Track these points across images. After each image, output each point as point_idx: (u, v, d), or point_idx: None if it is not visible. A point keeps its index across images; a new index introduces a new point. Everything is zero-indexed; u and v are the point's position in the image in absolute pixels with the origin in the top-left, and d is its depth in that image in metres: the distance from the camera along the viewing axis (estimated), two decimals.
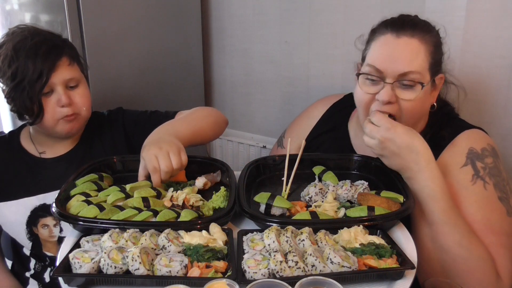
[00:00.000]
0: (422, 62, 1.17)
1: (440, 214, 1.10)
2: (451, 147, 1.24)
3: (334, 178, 1.27)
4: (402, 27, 1.19)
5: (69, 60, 1.34)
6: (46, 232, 1.41)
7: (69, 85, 1.35)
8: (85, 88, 1.40)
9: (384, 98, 1.17)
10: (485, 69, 1.54)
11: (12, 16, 2.09)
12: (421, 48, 1.17)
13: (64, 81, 1.33)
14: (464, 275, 1.09)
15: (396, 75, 1.17)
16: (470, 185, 1.18)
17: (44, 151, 1.44)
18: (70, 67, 1.34)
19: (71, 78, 1.34)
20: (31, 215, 1.40)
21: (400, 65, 1.16)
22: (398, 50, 1.18)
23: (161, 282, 0.88)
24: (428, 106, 1.26)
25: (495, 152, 1.24)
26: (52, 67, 1.29)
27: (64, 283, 0.90)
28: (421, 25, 1.21)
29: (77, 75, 1.37)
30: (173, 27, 2.09)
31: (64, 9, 1.69)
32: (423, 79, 1.17)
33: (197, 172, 1.37)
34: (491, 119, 1.56)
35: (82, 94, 1.38)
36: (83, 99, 1.38)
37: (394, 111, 1.19)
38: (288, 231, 0.99)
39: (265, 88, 2.20)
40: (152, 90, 2.06)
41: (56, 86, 1.32)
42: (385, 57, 1.19)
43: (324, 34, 1.92)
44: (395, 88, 1.18)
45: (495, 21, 1.49)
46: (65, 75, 1.32)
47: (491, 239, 1.13)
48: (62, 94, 1.32)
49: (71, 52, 1.37)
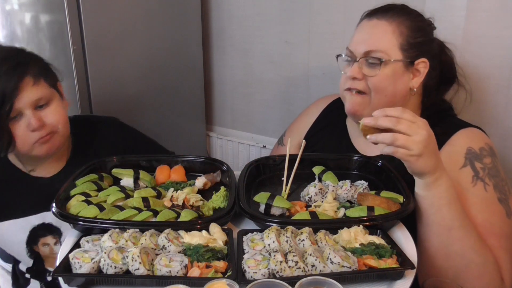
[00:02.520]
0: (389, 41, 1.23)
1: (458, 218, 1.07)
2: (448, 146, 1.23)
3: (334, 178, 1.27)
4: (375, 12, 1.29)
5: (33, 79, 1.22)
6: (47, 250, 1.39)
7: (39, 105, 1.24)
8: (57, 105, 1.29)
9: (350, 73, 1.27)
10: (485, 69, 1.54)
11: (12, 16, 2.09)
12: (389, 28, 1.24)
13: (31, 103, 1.22)
14: (474, 281, 1.08)
15: (361, 53, 1.25)
16: (470, 186, 1.18)
17: (32, 168, 1.38)
18: (35, 87, 1.23)
19: (39, 98, 1.23)
20: (30, 234, 1.36)
21: (364, 44, 1.25)
22: (366, 32, 1.28)
23: (161, 282, 0.88)
24: (403, 88, 1.26)
25: (493, 152, 1.23)
26: (15, 90, 1.18)
27: (64, 283, 0.90)
28: (396, 10, 1.27)
29: (45, 92, 1.25)
30: (173, 27, 2.09)
31: (64, 9, 1.69)
32: (388, 58, 1.23)
33: (197, 172, 1.37)
34: (491, 119, 1.56)
35: (55, 111, 1.27)
36: (57, 116, 1.27)
37: (361, 87, 1.26)
38: (288, 231, 0.99)
39: (265, 88, 2.20)
40: (152, 90, 2.06)
41: (23, 110, 1.22)
42: (355, 39, 1.30)
43: (324, 34, 1.92)
44: (362, 66, 1.25)
45: (495, 21, 1.49)
46: (30, 96, 1.21)
47: (492, 242, 1.13)
48: (31, 117, 1.22)
49: (35, 69, 1.25)
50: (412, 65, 1.25)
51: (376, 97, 1.25)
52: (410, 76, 1.26)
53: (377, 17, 1.26)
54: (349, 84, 1.28)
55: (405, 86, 1.26)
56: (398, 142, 1.00)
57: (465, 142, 1.23)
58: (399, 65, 1.24)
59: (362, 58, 1.25)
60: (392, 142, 1.00)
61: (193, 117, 2.33)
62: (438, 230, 1.09)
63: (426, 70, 1.26)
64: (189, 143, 2.30)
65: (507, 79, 1.52)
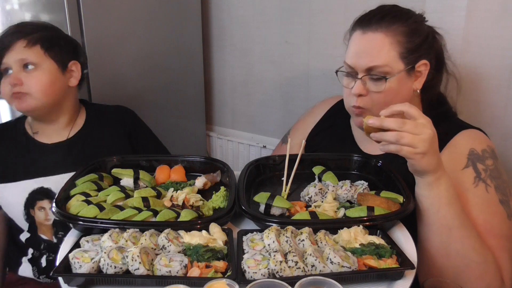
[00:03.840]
0: (388, 54, 1.21)
1: (458, 218, 1.08)
2: (451, 147, 1.23)
3: (334, 178, 1.27)
4: (368, 24, 1.25)
5: (27, 42, 1.37)
6: (42, 215, 1.44)
7: (26, 66, 1.38)
8: (43, 73, 1.39)
9: (354, 91, 1.25)
10: (485, 69, 1.53)
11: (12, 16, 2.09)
12: (386, 41, 1.21)
13: (17, 61, 1.36)
14: (475, 281, 1.08)
15: (363, 69, 1.23)
16: (472, 187, 1.17)
17: (37, 131, 1.49)
18: (26, 49, 1.37)
19: (24, 59, 1.36)
20: (29, 197, 1.43)
21: (365, 60, 1.22)
22: (363, 46, 1.24)
23: (161, 282, 0.88)
24: (407, 94, 1.26)
25: (494, 154, 1.23)
26: (6, 47, 1.36)
27: (64, 283, 0.90)
28: (389, 17, 1.24)
29: (36, 58, 1.38)
30: (173, 27, 2.09)
31: (64, 9, 1.69)
32: (391, 71, 1.21)
33: (197, 172, 1.37)
34: (491, 119, 1.56)
35: (36, 77, 1.38)
36: (35, 81, 1.38)
37: (364, 103, 1.25)
38: (288, 231, 0.99)
39: (265, 88, 2.20)
40: (152, 90, 2.06)
41: (11, 65, 1.37)
42: (353, 53, 1.26)
43: (324, 34, 1.92)
44: (366, 81, 1.24)
45: (495, 21, 1.49)
46: (18, 55, 1.36)
47: (492, 243, 1.12)
48: (13, 73, 1.37)
49: (36, 38, 1.39)
50: (413, 69, 1.24)
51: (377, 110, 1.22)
52: (413, 79, 1.26)
53: (371, 29, 1.23)
54: (355, 102, 1.26)
55: (409, 90, 1.26)
56: (403, 140, 1.00)
57: (468, 143, 1.23)
58: (402, 74, 1.23)
59: (365, 75, 1.23)
60: (397, 140, 1.00)
61: (193, 117, 2.33)
62: (438, 230, 1.09)
63: (428, 70, 1.26)
64: (189, 143, 2.30)
65: (507, 79, 1.51)
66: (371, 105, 1.25)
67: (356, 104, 1.26)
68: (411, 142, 1.00)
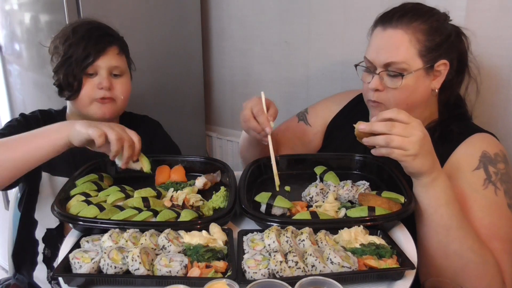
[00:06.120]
0: (406, 51, 1.22)
1: (455, 218, 1.08)
2: (464, 147, 1.23)
3: (336, 178, 1.27)
4: (389, 20, 1.25)
5: (118, 49, 1.43)
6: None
7: (113, 73, 1.42)
8: (128, 80, 1.48)
9: (371, 85, 1.27)
10: (485, 69, 1.53)
11: (12, 16, 2.09)
12: (405, 38, 1.22)
13: (109, 67, 1.40)
14: (474, 281, 1.08)
15: (381, 65, 1.25)
16: (481, 189, 1.17)
17: None
18: (118, 56, 1.43)
19: (117, 66, 1.42)
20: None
21: (383, 56, 1.24)
22: (383, 42, 1.26)
23: (161, 282, 0.88)
24: (424, 92, 1.26)
25: (506, 159, 1.23)
26: (102, 50, 1.38)
27: (64, 283, 0.90)
28: (410, 14, 1.24)
29: (123, 66, 1.45)
30: (173, 27, 2.09)
31: (64, 9, 1.69)
32: (409, 68, 1.22)
33: (197, 172, 1.37)
34: (491, 119, 1.56)
35: (123, 83, 1.45)
36: (123, 87, 1.44)
37: (381, 98, 1.27)
38: (288, 231, 0.98)
39: (265, 88, 2.19)
40: (152, 90, 2.06)
41: (100, 70, 1.39)
42: (373, 49, 1.28)
43: (324, 34, 1.92)
44: (383, 77, 1.25)
45: (495, 21, 1.49)
46: (112, 61, 1.40)
47: (496, 245, 1.12)
48: (105, 77, 1.39)
49: (123, 45, 1.47)
50: (432, 68, 1.24)
51: (394, 106, 1.23)
52: (431, 78, 1.26)
53: (392, 26, 1.24)
54: (371, 96, 1.29)
55: (427, 89, 1.26)
56: (393, 143, 1.01)
57: (481, 145, 1.23)
58: (420, 72, 1.23)
59: (383, 71, 1.24)
60: (387, 143, 1.02)
61: (193, 117, 2.33)
62: (436, 230, 1.09)
63: (447, 70, 1.25)
64: (189, 143, 2.30)
65: (507, 79, 1.52)
66: (387, 100, 1.26)
67: (373, 98, 1.29)
68: (401, 145, 1.01)
